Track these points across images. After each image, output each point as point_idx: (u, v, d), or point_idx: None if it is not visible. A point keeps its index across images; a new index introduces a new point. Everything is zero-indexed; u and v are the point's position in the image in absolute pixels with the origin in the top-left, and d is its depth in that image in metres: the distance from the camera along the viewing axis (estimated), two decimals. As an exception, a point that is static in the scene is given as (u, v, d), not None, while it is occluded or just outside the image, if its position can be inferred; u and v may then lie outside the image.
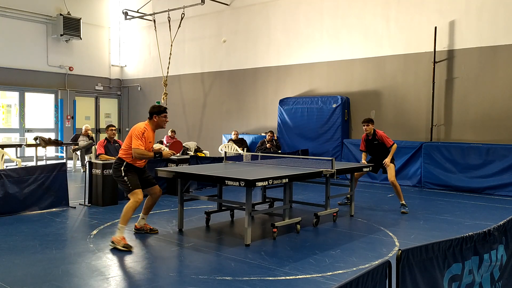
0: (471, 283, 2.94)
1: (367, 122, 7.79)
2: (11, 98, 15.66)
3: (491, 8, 10.06)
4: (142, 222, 5.89)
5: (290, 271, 4.46)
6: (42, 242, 5.41)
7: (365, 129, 7.80)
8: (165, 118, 5.60)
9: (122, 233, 5.22)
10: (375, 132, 7.80)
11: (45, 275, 4.26)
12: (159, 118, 5.56)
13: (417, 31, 11.04)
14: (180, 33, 14.53)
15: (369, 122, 7.78)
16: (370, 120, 7.82)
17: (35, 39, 15.56)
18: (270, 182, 5.34)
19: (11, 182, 6.89)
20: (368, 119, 7.86)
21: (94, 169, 7.91)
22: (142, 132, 5.42)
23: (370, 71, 11.86)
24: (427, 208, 7.95)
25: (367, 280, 2.26)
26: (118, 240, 5.16)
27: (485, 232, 3.02)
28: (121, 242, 5.14)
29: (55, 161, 13.14)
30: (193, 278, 4.23)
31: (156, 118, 5.57)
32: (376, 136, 7.78)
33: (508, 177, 9.31)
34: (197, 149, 13.51)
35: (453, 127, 10.67)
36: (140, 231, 5.89)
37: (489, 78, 10.14)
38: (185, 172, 5.88)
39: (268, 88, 13.86)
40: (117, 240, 5.16)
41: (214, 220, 6.65)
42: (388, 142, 7.72)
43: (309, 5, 12.85)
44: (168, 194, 8.99)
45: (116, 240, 5.16)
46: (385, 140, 7.72)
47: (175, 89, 16.12)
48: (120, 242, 5.14)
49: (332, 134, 11.94)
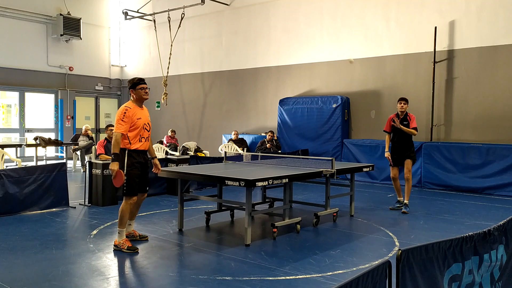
0: (471, 283, 2.94)
1: (405, 100, 7.60)
2: (11, 98, 15.66)
3: (491, 8, 10.06)
4: (129, 229, 5.51)
5: (290, 271, 4.46)
6: (42, 242, 5.41)
7: (401, 106, 7.56)
8: (142, 90, 5.21)
9: (123, 236, 5.13)
10: (407, 114, 7.61)
11: (45, 275, 4.26)
12: (136, 92, 5.22)
13: (417, 31, 11.04)
14: (180, 33, 14.54)
15: (406, 101, 7.61)
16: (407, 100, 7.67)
17: (35, 39, 15.56)
18: (270, 182, 5.34)
19: (11, 182, 6.89)
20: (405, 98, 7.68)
21: (94, 169, 7.92)
22: (122, 114, 5.06)
23: (370, 71, 11.86)
24: (427, 208, 7.95)
25: (367, 280, 2.26)
26: (121, 243, 5.08)
27: (485, 232, 3.02)
28: (124, 244, 5.07)
29: (55, 161, 13.15)
30: (193, 278, 4.23)
31: (133, 93, 5.23)
32: (407, 117, 7.56)
33: (508, 177, 9.31)
34: (197, 149, 13.51)
35: (453, 127, 10.67)
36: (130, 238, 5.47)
37: (489, 78, 10.14)
38: (185, 172, 5.88)
39: (268, 88, 13.86)
40: (121, 244, 5.08)
41: (214, 220, 6.65)
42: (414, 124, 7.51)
43: (309, 5, 12.85)
44: (168, 194, 8.99)
45: (120, 244, 5.08)
46: (413, 120, 7.53)
47: (175, 89, 16.12)
48: (124, 245, 5.07)
49: (332, 134, 11.94)
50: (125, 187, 5.14)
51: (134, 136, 5.14)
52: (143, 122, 5.19)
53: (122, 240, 5.10)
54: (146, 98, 5.29)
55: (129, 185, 5.15)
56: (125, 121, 5.05)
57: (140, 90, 5.21)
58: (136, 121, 5.11)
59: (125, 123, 5.05)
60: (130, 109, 5.13)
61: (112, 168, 4.97)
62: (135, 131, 5.12)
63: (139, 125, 5.13)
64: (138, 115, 5.15)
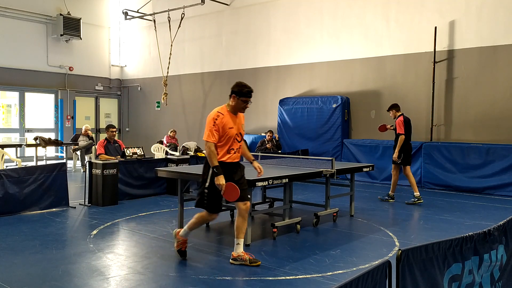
0: (471, 283, 2.94)
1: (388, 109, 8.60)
2: (11, 98, 15.66)
3: (491, 8, 10.06)
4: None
5: (290, 271, 4.46)
6: (42, 242, 5.40)
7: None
8: (244, 103, 4.55)
9: (241, 248, 4.56)
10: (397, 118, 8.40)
11: (45, 275, 4.26)
12: (237, 100, 4.52)
13: (417, 31, 11.04)
14: (180, 33, 14.53)
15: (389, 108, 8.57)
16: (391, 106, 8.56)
17: (35, 39, 15.56)
18: (270, 182, 5.34)
19: (11, 182, 6.89)
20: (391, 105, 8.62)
21: (94, 169, 7.91)
22: (213, 120, 4.42)
23: (370, 71, 11.86)
24: (427, 208, 7.95)
25: (367, 280, 2.26)
26: (241, 255, 4.52)
27: (485, 232, 3.02)
28: (245, 256, 4.57)
29: (55, 161, 13.15)
30: (193, 278, 4.23)
31: (233, 99, 4.53)
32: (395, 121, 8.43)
33: (508, 177, 9.31)
34: (197, 149, 13.51)
35: (453, 127, 10.67)
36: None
37: (489, 78, 10.14)
38: (185, 172, 5.87)
39: (268, 88, 13.86)
40: (241, 256, 4.58)
41: (214, 220, 6.64)
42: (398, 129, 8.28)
43: (309, 5, 12.85)
44: (168, 194, 8.99)
45: (240, 257, 4.59)
46: (397, 126, 8.32)
47: (175, 89, 16.12)
48: (244, 257, 4.57)
49: (332, 134, 11.94)
50: (206, 200, 4.52)
51: (222, 147, 4.51)
52: (235, 132, 4.55)
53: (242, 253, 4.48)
54: (241, 112, 4.70)
55: (211, 200, 4.52)
56: (216, 129, 4.44)
57: (242, 102, 4.55)
58: (227, 131, 4.48)
59: (216, 132, 4.44)
60: (222, 116, 4.48)
61: (219, 183, 4.39)
62: (223, 141, 4.51)
63: (229, 135, 4.50)
64: (230, 124, 4.51)
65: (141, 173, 8.68)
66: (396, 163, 8.34)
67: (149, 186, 8.83)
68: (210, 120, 4.48)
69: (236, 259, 4.61)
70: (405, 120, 8.35)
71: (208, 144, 4.43)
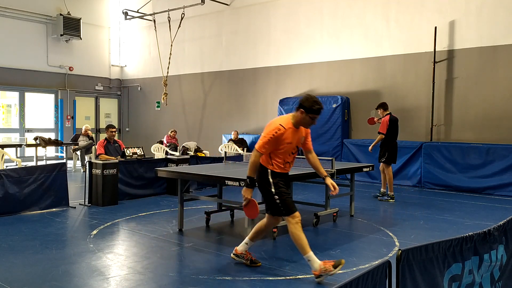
0: (471, 283, 2.94)
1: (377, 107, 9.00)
2: (11, 98, 15.66)
3: (491, 8, 10.06)
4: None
5: (290, 271, 4.46)
6: (42, 242, 5.41)
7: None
8: (312, 120, 4.24)
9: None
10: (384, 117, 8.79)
11: (45, 275, 4.26)
12: (304, 116, 4.21)
13: (417, 31, 11.04)
14: (180, 33, 14.53)
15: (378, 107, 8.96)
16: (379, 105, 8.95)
17: (35, 39, 15.56)
18: (270, 182, 5.32)
19: (11, 182, 6.89)
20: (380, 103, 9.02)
21: (94, 169, 7.91)
22: (272, 132, 4.18)
23: (370, 71, 11.86)
24: (427, 208, 7.95)
25: (367, 280, 2.26)
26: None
27: (485, 232, 3.02)
28: (247, 256, 4.51)
29: (55, 161, 13.15)
30: (193, 278, 4.23)
31: (300, 114, 4.21)
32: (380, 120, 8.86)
33: (508, 177, 9.31)
34: (197, 149, 13.51)
35: (453, 127, 10.66)
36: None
37: (489, 78, 10.14)
38: (185, 172, 5.87)
39: (268, 88, 13.86)
40: (243, 255, 4.55)
41: (214, 220, 6.65)
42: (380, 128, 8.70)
43: (309, 5, 12.85)
44: (168, 194, 8.99)
45: (242, 255, 4.54)
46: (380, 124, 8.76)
47: (175, 89, 16.12)
48: (247, 256, 4.52)
49: (332, 134, 11.94)
50: (281, 207, 4.32)
51: (277, 157, 4.32)
52: (292, 147, 4.34)
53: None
54: (306, 128, 4.41)
55: (283, 203, 4.31)
56: (271, 142, 4.20)
57: (310, 118, 4.23)
58: (284, 145, 4.26)
59: (271, 144, 4.21)
60: (282, 130, 4.20)
61: (244, 195, 4.29)
62: (279, 154, 4.31)
63: (285, 150, 4.29)
64: (289, 139, 4.25)
65: (141, 173, 8.68)
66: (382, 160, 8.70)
67: (149, 186, 8.83)
68: (269, 132, 4.22)
69: (238, 255, 4.60)
70: (392, 119, 8.66)
71: (256, 153, 4.24)
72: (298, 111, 4.23)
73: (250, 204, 4.36)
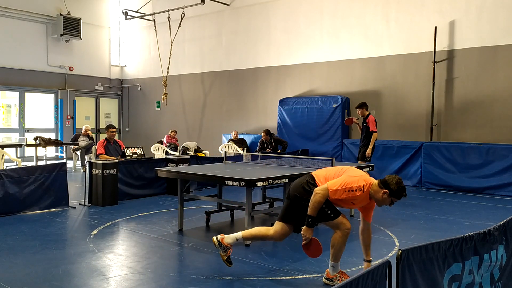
0: (471, 283, 2.94)
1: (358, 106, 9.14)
2: (11, 98, 15.66)
3: (491, 8, 10.06)
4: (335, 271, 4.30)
5: (290, 271, 4.46)
6: (42, 242, 5.41)
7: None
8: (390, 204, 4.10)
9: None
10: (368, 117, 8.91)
11: (45, 275, 4.26)
12: (386, 197, 4.01)
13: (417, 31, 11.04)
14: (180, 33, 14.53)
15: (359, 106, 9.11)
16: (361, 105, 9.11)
17: (35, 39, 15.56)
18: (270, 182, 5.33)
19: (11, 182, 6.89)
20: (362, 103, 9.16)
21: (94, 169, 7.91)
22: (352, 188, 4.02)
23: (370, 71, 11.86)
24: (427, 208, 7.95)
25: (367, 280, 2.26)
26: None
27: (485, 232, 3.02)
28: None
29: (55, 161, 13.15)
30: (193, 278, 4.23)
31: (383, 194, 4.00)
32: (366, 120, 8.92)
33: (508, 177, 9.30)
34: (197, 149, 13.52)
35: (453, 127, 10.66)
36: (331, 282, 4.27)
37: (489, 78, 10.14)
38: (185, 172, 5.87)
39: (268, 88, 13.86)
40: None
41: (214, 220, 6.65)
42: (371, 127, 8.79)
43: (309, 5, 12.85)
44: (168, 194, 8.99)
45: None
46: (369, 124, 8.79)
47: (175, 89, 16.12)
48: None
49: (332, 134, 11.94)
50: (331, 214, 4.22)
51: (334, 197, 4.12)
52: (351, 206, 4.35)
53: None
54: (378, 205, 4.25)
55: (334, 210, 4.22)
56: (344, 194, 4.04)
57: (390, 201, 4.04)
58: (349, 201, 4.15)
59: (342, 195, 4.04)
60: (359, 193, 4.04)
61: (305, 235, 4.13)
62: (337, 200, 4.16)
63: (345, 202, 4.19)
64: (357, 201, 4.15)
65: (141, 173, 8.68)
66: (367, 160, 8.81)
67: (149, 186, 8.83)
68: (349, 182, 4.06)
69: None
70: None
71: (323, 194, 4.05)
72: (382, 191, 4.03)
73: (312, 244, 4.19)
